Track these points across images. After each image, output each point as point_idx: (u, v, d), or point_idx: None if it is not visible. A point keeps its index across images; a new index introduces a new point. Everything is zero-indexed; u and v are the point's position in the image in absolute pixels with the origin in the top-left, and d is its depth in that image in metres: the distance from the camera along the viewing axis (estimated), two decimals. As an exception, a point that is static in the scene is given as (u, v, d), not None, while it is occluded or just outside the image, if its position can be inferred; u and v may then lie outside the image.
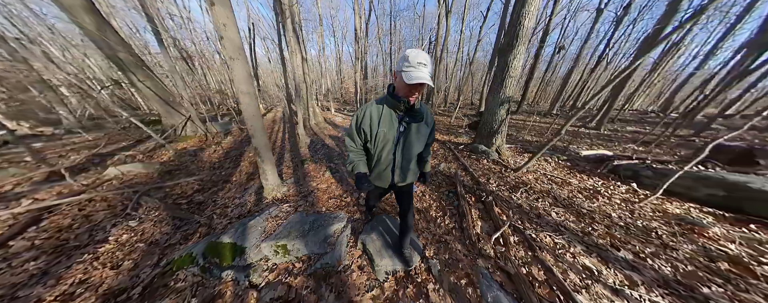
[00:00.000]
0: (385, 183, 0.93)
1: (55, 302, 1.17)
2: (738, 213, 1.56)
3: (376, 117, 0.78)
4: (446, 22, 8.78)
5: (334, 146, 3.95)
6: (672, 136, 4.29)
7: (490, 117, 2.92)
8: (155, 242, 1.67)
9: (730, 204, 1.60)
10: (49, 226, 1.78)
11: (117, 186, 2.70)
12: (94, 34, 3.03)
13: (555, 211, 1.72)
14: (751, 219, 1.50)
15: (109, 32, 3.17)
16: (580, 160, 2.79)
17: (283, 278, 1.18)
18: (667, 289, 1.05)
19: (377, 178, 0.92)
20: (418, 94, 0.70)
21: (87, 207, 2.08)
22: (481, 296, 1.03)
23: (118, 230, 1.78)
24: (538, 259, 1.23)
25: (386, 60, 15.13)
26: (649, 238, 1.40)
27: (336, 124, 6.34)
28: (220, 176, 3.05)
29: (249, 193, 2.32)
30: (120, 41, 3.38)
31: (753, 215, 1.50)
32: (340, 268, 1.21)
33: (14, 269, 1.38)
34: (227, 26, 1.41)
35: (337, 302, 1.04)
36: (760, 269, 1.14)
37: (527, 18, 2.40)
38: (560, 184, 2.18)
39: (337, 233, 1.43)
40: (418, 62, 0.62)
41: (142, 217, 1.97)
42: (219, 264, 1.29)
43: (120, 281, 1.30)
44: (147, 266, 1.43)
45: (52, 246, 1.58)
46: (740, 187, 1.58)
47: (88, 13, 2.96)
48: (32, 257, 1.48)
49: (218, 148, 4.26)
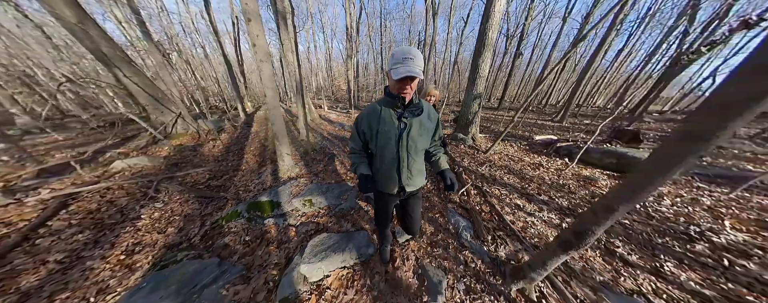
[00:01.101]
0: (392, 187, 0.88)
1: (122, 255, 1.48)
2: (622, 173, 2.33)
3: (375, 116, 0.80)
4: (433, 23, 9.47)
5: (332, 138, 4.43)
6: (609, 126, 5.29)
7: (466, 110, 3.58)
8: (189, 215, 1.98)
9: (619, 168, 2.37)
10: (78, 209, 1.98)
11: (130, 176, 2.93)
12: (74, 27, 2.88)
13: (507, 177, 2.39)
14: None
15: (91, 26, 3.04)
16: (535, 144, 3.54)
17: (313, 219, 1.70)
18: (560, 212, 1.72)
19: (383, 181, 0.88)
20: (409, 88, 0.70)
21: (107, 194, 2.28)
22: (447, 220, 1.63)
23: (148, 210, 2.02)
24: (488, 201, 1.86)
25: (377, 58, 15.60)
26: (562, 190, 2.09)
27: (331, 120, 6.75)
28: (228, 167, 3.31)
29: (265, 175, 2.77)
30: (103, 35, 3.23)
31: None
32: (352, 212, 1.75)
33: (65, 240, 1.60)
34: (259, 37, 1.88)
35: (352, 228, 1.58)
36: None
37: (491, 30, 3.06)
38: (516, 161, 2.87)
39: (348, 193, 1.96)
40: (404, 57, 0.64)
41: (164, 200, 2.19)
42: (261, 215, 1.77)
43: (172, 239, 1.63)
44: (193, 228, 1.83)
45: (90, 224, 1.79)
46: (625, 157, 2.36)
47: (69, 6, 2.79)
48: (77, 232, 1.69)
49: (217, 144, 4.39)
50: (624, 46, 8.35)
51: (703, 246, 1.31)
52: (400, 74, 0.64)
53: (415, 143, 0.81)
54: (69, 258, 1.45)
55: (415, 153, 0.83)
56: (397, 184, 0.87)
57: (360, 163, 0.88)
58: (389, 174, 0.86)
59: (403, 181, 0.86)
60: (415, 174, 0.87)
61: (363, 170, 0.86)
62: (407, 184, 0.88)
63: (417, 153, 0.83)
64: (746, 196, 1.85)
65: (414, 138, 0.80)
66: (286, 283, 1.12)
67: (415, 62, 0.64)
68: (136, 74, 3.68)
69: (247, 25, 1.82)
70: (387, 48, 15.58)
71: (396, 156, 0.82)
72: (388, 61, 0.81)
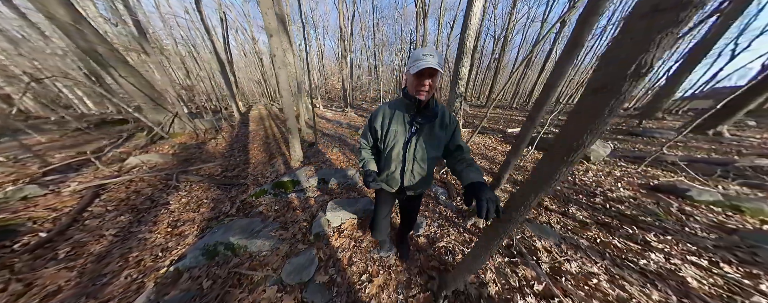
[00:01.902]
0: (393, 186, 0.91)
1: (168, 228, 1.85)
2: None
3: (389, 115, 0.80)
4: (424, 24, 10.07)
5: (333, 134, 4.91)
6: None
7: (450, 108, 4.19)
8: (216, 198, 2.37)
9: (566, 152, 3.06)
10: (110, 198, 2.27)
11: (148, 170, 3.24)
12: (69, 27, 2.87)
13: (481, 162, 3.01)
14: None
15: (85, 25, 3.03)
16: (508, 136, 4.22)
17: (327, 193, 2.23)
18: (515, 184, 2.34)
19: (386, 180, 0.91)
20: (428, 86, 0.67)
21: (131, 186, 2.54)
22: (430, 189, 2.21)
23: (174, 197, 2.34)
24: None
25: (370, 57, 16.05)
26: (519, 169, 2.73)
27: (328, 118, 7.19)
28: (237, 161, 3.64)
29: (278, 165, 3.24)
30: (96, 34, 3.24)
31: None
32: (357, 186, 2.29)
33: (110, 221, 1.90)
34: (278, 49, 2.36)
35: (358, 196, 2.12)
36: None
37: (469, 39, 3.67)
38: (491, 149, 3.52)
39: (353, 174, 2.50)
40: (423, 54, 0.63)
41: (187, 189, 2.51)
42: (285, 191, 2.28)
43: (208, 215, 2.03)
44: (224, 206, 2.26)
45: (126, 209, 2.08)
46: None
47: (62, 6, 2.78)
48: (118, 215, 1.98)
49: (219, 142, 4.62)
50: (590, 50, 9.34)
51: (599, 198, 1.96)
52: (418, 67, 0.62)
53: (424, 150, 0.80)
54: (121, 233, 1.77)
55: (421, 160, 0.82)
56: (399, 185, 0.89)
57: (369, 159, 0.91)
58: (393, 174, 0.87)
59: (405, 183, 0.88)
60: (418, 179, 0.87)
61: (370, 166, 0.89)
62: (409, 187, 0.89)
63: (424, 160, 0.82)
64: (647, 170, 2.56)
65: (422, 145, 0.79)
66: (316, 226, 1.65)
67: (436, 59, 0.63)
68: (132, 74, 3.73)
69: (269, 39, 2.29)
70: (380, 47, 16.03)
71: (402, 159, 0.83)
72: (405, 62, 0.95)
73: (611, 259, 1.29)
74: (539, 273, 1.17)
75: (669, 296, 1.07)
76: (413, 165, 0.83)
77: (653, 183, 2.22)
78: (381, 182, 0.92)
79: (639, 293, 1.08)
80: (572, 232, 1.55)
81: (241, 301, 1.12)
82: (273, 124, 6.59)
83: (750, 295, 1.07)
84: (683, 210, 1.76)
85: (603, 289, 1.10)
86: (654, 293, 1.08)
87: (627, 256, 1.32)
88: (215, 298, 1.13)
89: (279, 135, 5.34)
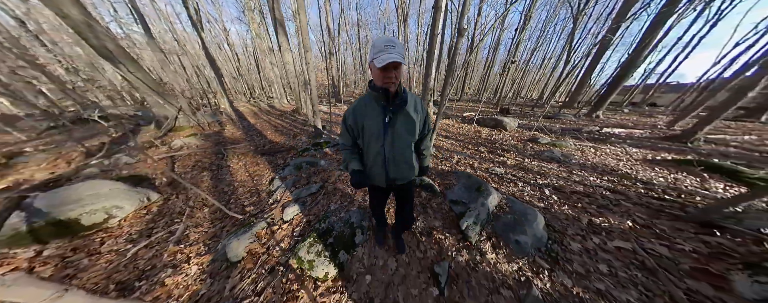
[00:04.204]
0: (380, 180, 0.95)
1: (245, 174, 3.23)
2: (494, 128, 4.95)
3: (361, 111, 0.84)
4: (405, 27, 11.74)
5: (335, 122, 6.33)
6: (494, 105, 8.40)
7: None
8: (267, 163, 3.61)
9: (495, 126, 4.99)
10: (183, 165, 3.38)
11: (198, 147, 4.40)
12: (81, 26, 3.08)
13: (443, 133, 4.79)
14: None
15: (95, 24, 3.24)
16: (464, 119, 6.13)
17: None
18: (461, 142, 4.14)
19: (373, 175, 0.95)
20: (394, 78, 0.71)
21: (192, 157, 3.65)
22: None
23: (232, 162, 3.49)
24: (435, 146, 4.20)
25: (355, 53, 17.28)
26: (466, 135, 4.55)
27: (324, 111, 8.50)
28: (262, 142, 4.67)
29: (303, 139, 4.65)
30: (107, 33, 3.49)
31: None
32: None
33: (197, 173, 3.14)
34: (288, 64, 3.81)
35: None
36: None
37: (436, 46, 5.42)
38: (452, 127, 5.33)
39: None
40: (385, 45, 0.65)
41: (235, 160, 3.72)
42: (321, 147, 3.75)
43: (266, 170, 3.25)
44: (277, 168, 3.68)
45: (200, 169, 3.26)
46: (497, 120, 5.00)
47: (74, 5, 2.98)
48: (198, 172, 3.16)
49: (233, 132, 5.40)
50: (535, 50, 12.00)
51: (498, 145, 3.83)
52: (384, 61, 0.65)
53: (401, 138, 0.86)
54: (212, 178, 3.00)
55: (400, 148, 0.88)
56: (386, 178, 0.95)
57: (351, 159, 0.97)
58: (377, 168, 0.93)
59: (391, 174, 0.94)
60: (403, 167, 0.93)
61: (354, 166, 0.95)
62: (396, 177, 0.95)
63: (403, 147, 0.89)
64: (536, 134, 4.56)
65: (399, 133, 0.85)
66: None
67: (397, 49, 0.67)
68: (139, 70, 4.03)
69: (282, 53, 3.66)
70: (365, 43, 16.98)
71: (381, 150, 0.88)
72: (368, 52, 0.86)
73: (482, 160, 3.11)
74: (452, 163, 2.92)
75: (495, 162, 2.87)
76: (394, 155, 0.89)
77: (528, 136, 4.20)
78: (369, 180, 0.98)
79: (490, 167, 2.87)
80: (473, 153, 3.35)
81: (321, 175, 2.65)
82: (272, 117, 7.34)
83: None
84: (531, 146, 3.69)
85: (475, 166, 2.88)
86: (499, 167, 2.87)
87: (492, 159, 3.15)
88: (307, 178, 2.65)
89: (285, 124, 6.26)
